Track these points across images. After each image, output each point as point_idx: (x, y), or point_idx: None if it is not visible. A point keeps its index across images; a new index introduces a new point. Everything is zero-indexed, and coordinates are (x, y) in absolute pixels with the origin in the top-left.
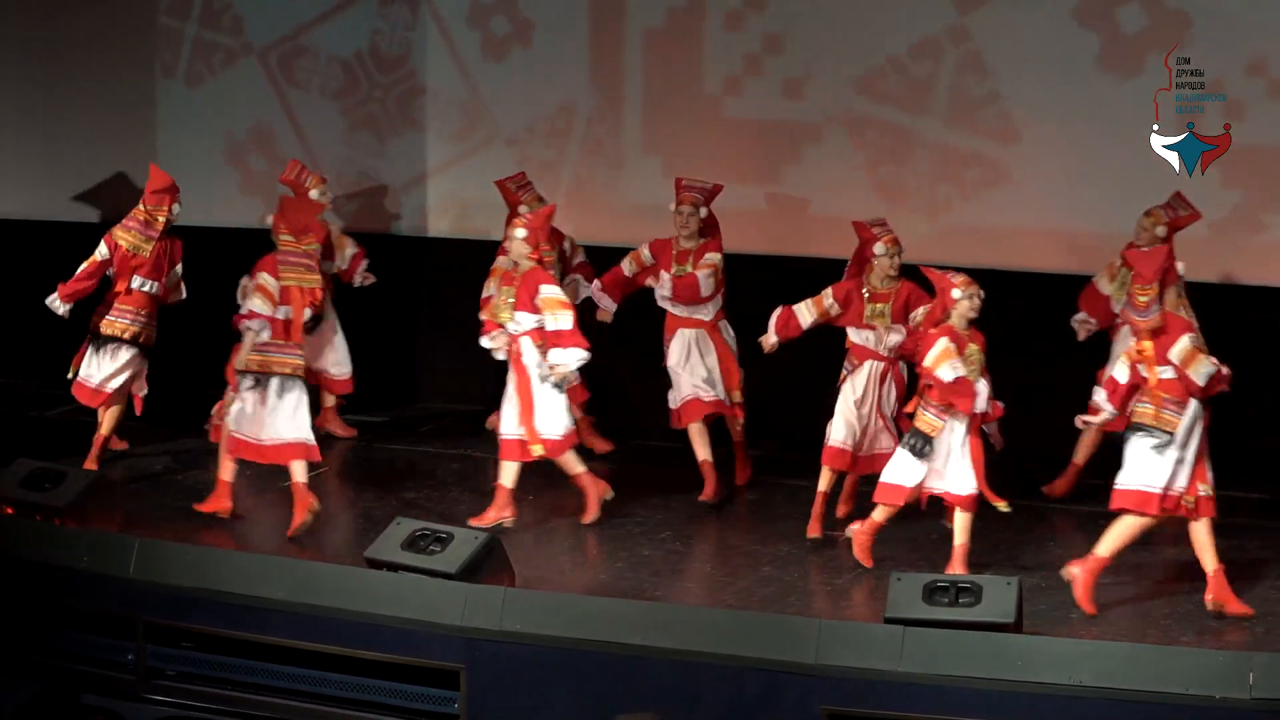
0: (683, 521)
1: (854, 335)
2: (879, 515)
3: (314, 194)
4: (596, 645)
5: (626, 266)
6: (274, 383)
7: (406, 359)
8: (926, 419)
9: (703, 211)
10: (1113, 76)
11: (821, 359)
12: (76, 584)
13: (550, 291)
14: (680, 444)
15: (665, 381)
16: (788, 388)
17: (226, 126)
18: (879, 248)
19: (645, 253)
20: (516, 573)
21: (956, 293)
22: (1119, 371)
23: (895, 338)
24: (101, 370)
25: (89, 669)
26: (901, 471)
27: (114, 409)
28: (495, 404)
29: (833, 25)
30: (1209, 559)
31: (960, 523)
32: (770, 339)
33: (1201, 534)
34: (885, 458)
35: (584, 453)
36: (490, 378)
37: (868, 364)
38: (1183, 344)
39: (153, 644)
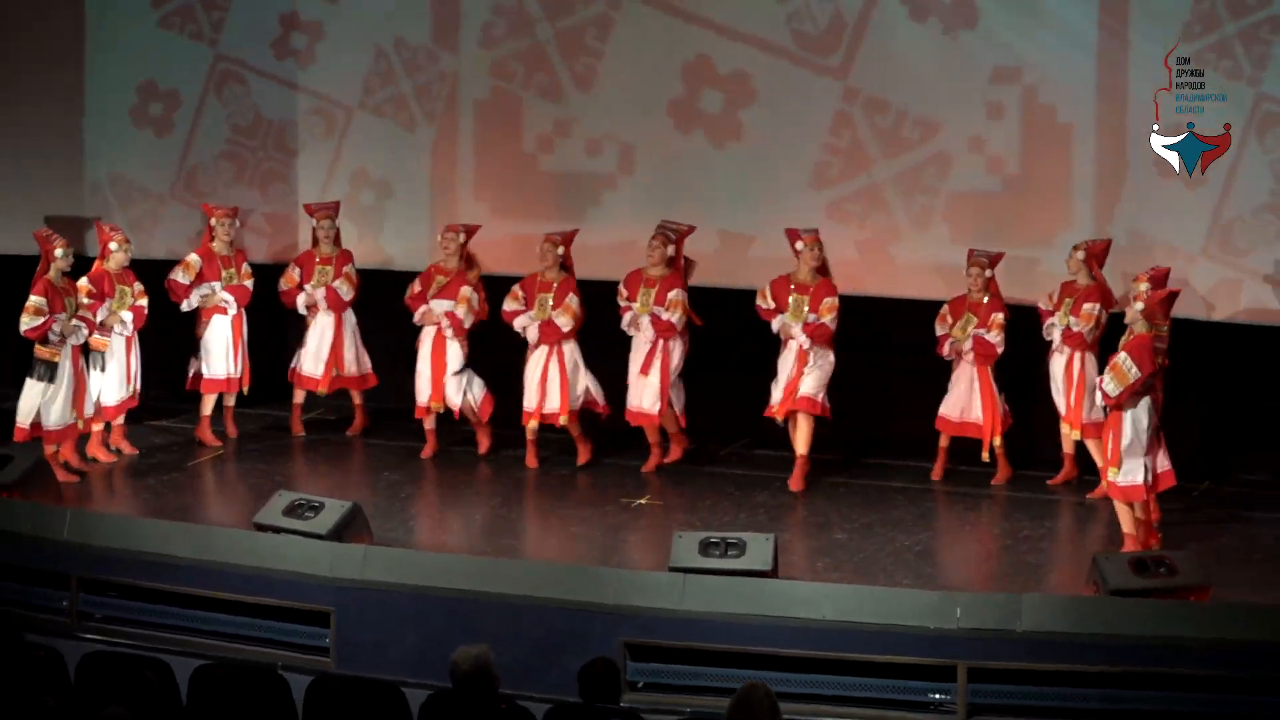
0: (509, 490)
1: None
2: None
3: (112, 245)
4: (440, 591)
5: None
6: None
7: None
8: None
9: (461, 237)
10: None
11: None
12: (20, 546)
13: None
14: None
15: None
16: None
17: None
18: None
19: (417, 286)
20: (375, 533)
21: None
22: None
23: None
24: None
25: (31, 614)
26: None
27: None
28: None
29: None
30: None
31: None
32: None
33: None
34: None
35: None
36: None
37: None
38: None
39: (84, 594)
